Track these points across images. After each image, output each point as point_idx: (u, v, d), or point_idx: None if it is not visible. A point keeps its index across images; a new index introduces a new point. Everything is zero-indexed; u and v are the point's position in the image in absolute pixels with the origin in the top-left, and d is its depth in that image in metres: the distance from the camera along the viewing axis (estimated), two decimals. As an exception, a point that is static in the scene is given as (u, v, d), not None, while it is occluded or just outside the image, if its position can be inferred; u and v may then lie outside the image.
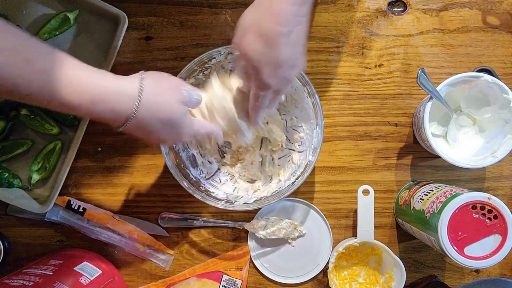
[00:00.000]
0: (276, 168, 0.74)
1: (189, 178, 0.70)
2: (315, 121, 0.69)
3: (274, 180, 0.74)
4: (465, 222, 0.59)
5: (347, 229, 0.77)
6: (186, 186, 0.67)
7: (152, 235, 0.77)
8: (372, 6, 0.77)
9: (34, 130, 0.75)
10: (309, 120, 0.71)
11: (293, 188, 0.68)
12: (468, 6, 0.76)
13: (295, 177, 0.70)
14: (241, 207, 0.68)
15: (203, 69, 0.69)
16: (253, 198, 0.71)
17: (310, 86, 0.67)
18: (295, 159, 0.74)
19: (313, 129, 0.70)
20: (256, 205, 0.69)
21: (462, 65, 0.77)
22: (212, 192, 0.71)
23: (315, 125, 0.69)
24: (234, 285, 0.73)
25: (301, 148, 0.74)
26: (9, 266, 0.76)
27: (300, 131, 0.74)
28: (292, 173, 0.72)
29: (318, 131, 0.68)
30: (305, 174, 0.68)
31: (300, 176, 0.69)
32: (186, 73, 0.67)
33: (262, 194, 0.72)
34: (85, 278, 0.68)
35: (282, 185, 0.71)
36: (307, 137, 0.73)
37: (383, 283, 0.73)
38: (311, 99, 0.68)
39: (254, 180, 0.75)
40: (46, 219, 0.75)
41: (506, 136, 0.67)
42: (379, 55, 0.77)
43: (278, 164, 0.75)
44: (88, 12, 0.75)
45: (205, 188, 0.71)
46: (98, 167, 0.77)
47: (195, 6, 0.77)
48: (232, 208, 0.68)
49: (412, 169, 0.77)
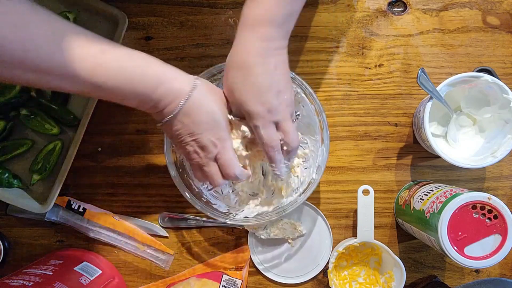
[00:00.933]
0: (279, 183, 0.73)
1: (191, 188, 0.69)
2: (321, 139, 0.68)
3: (276, 196, 0.73)
4: (465, 222, 0.59)
5: (347, 229, 0.77)
6: (188, 197, 0.67)
7: (152, 235, 0.77)
8: (372, 6, 0.77)
9: (34, 130, 0.75)
10: (315, 137, 0.70)
11: (295, 205, 0.67)
12: (468, 6, 0.76)
13: (298, 194, 0.70)
14: (241, 222, 0.68)
15: (212, 81, 0.67)
16: (255, 212, 0.70)
17: (318, 104, 0.66)
18: (299, 175, 0.73)
19: (318, 147, 0.69)
20: (257, 219, 0.68)
21: (462, 65, 0.77)
22: (214, 204, 0.71)
23: (320, 142, 0.68)
24: (234, 285, 0.73)
25: (305, 164, 0.73)
26: (9, 266, 0.76)
27: (305, 147, 0.73)
28: (295, 189, 0.71)
29: (323, 149, 0.68)
30: (307, 192, 0.67)
31: (303, 193, 0.69)
32: None
33: (263, 209, 0.71)
34: (85, 278, 0.68)
35: (285, 201, 0.70)
36: (311, 154, 0.72)
37: (383, 283, 0.73)
38: (318, 117, 0.67)
39: (256, 194, 0.73)
40: (46, 219, 0.75)
41: (506, 136, 0.67)
42: (379, 55, 0.77)
43: (281, 179, 0.73)
44: (88, 12, 0.75)
45: (206, 199, 0.71)
46: (98, 167, 0.77)
47: (195, 6, 0.77)
48: (232, 222, 0.68)
49: (412, 169, 0.77)
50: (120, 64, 0.52)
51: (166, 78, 0.55)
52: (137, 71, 0.53)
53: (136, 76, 0.53)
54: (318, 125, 0.68)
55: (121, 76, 0.52)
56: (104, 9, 0.73)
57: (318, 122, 0.68)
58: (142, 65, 0.54)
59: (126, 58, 0.53)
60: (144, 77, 0.54)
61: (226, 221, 0.68)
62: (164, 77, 0.55)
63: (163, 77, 0.55)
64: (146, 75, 0.54)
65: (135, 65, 0.54)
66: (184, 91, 0.56)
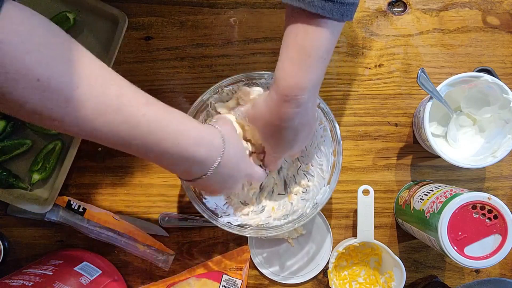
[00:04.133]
0: (271, 202, 0.71)
1: None
2: (329, 179, 0.67)
3: (264, 213, 0.71)
4: (465, 222, 0.59)
5: (347, 229, 0.77)
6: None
7: (152, 235, 0.77)
8: (372, 6, 0.77)
9: (34, 130, 0.75)
10: (323, 174, 0.69)
11: (279, 231, 0.66)
12: (468, 6, 0.76)
13: (286, 221, 0.68)
14: (224, 226, 0.67)
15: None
16: (239, 221, 0.69)
17: (339, 145, 0.66)
18: (294, 203, 0.71)
19: (322, 185, 0.68)
20: (237, 229, 0.67)
21: (462, 65, 0.77)
22: (204, 198, 0.69)
23: (326, 182, 0.67)
24: (234, 285, 0.73)
25: (304, 196, 0.71)
26: (9, 266, 0.76)
27: (310, 179, 0.72)
28: (285, 215, 0.70)
29: (327, 190, 0.66)
30: (295, 224, 0.66)
31: (291, 222, 0.67)
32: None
33: (248, 221, 0.69)
34: (85, 278, 0.68)
35: (270, 222, 0.69)
36: (314, 189, 0.71)
37: (383, 283, 0.73)
38: (334, 157, 0.67)
39: (246, 203, 0.71)
40: (46, 219, 0.75)
41: (506, 136, 0.67)
42: (379, 55, 0.77)
43: (275, 200, 0.72)
44: (88, 12, 0.75)
45: (199, 191, 0.69)
46: (98, 167, 0.77)
47: (195, 6, 0.77)
48: (215, 222, 0.66)
49: (412, 169, 0.77)
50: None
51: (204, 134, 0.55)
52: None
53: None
54: (330, 165, 0.68)
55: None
56: (104, 9, 0.73)
57: (332, 162, 0.67)
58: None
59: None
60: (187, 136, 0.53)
61: (209, 219, 0.66)
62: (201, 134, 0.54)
63: (200, 134, 0.54)
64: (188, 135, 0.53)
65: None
66: (219, 144, 0.56)
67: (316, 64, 0.53)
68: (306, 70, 0.53)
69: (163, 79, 0.77)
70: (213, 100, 0.68)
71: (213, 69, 0.77)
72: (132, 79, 0.48)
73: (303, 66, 0.53)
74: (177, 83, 0.77)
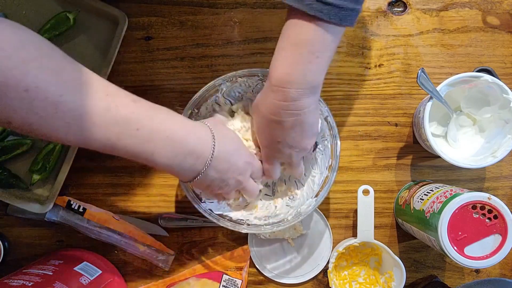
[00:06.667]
0: (256, 200, 0.70)
1: None
2: (317, 192, 0.67)
3: (247, 209, 0.69)
4: (465, 222, 0.59)
5: (347, 229, 0.77)
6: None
7: (152, 235, 0.77)
8: (372, 6, 0.77)
9: (34, 130, 0.75)
10: (313, 186, 0.69)
11: (256, 230, 0.65)
12: (468, 6, 0.76)
13: (265, 222, 0.67)
14: (204, 212, 0.66)
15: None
16: (220, 210, 0.67)
17: (336, 161, 0.65)
18: (278, 207, 0.70)
19: (310, 196, 0.68)
20: (216, 218, 0.66)
21: (462, 65, 0.77)
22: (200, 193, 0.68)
23: (314, 195, 0.67)
24: (234, 285, 0.73)
25: (290, 203, 0.71)
26: (9, 266, 0.76)
27: (299, 187, 0.71)
28: (265, 216, 0.68)
29: (313, 202, 0.66)
30: (274, 227, 0.65)
31: (270, 225, 0.66)
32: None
33: (229, 212, 0.68)
34: (85, 278, 0.68)
35: (250, 220, 0.67)
36: (300, 198, 0.70)
37: (383, 283, 0.73)
38: (329, 173, 0.66)
39: None
40: (46, 219, 0.75)
41: (506, 136, 0.67)
42: (379, 55, 0.77)
43: (260, 199, 0.71)
44: (88, 12, 0.75)
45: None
46: (98, 167, 0.77)
47: (195, 6, 0.77)
48: (197, 207, 0.65)
49: (412, 169, 0.77)
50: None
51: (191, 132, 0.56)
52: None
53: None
54: (323, 179, 0.67)
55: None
56: (104, 9, 0.73)
57: (324, 177, 0.67)
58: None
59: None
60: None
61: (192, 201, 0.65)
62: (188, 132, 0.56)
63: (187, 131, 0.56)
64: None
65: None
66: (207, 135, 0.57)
67: (308, 60, 0.53)
68: (295, 63, 0.53)
69: (163, 79, 0.77)
70: (224, 87, 0.68)
71: (213, 69, 0.77)
72: (132, 79, 0.48)
73: (293, 59, 0.53)
74: (177, 83, 0.77)
